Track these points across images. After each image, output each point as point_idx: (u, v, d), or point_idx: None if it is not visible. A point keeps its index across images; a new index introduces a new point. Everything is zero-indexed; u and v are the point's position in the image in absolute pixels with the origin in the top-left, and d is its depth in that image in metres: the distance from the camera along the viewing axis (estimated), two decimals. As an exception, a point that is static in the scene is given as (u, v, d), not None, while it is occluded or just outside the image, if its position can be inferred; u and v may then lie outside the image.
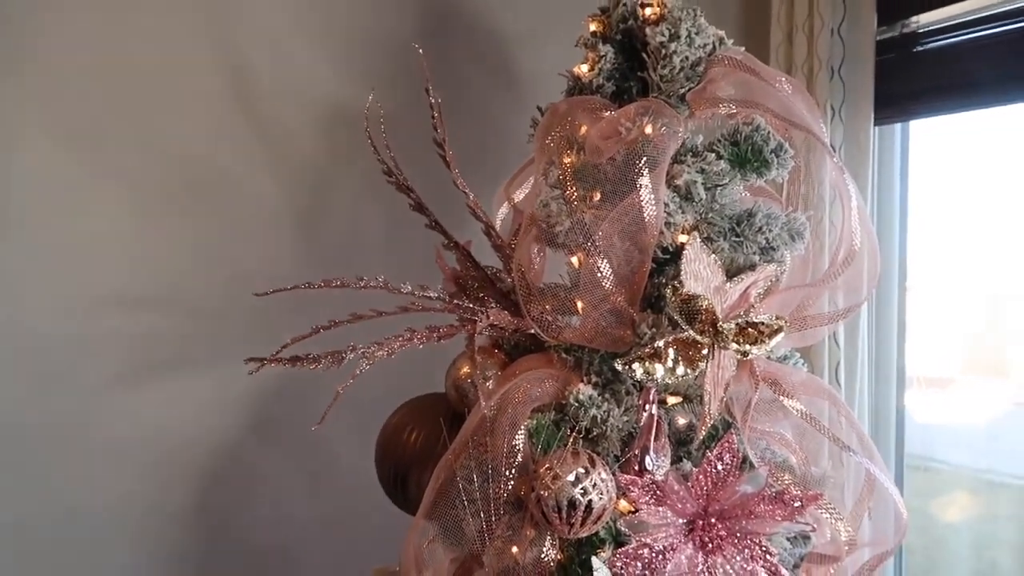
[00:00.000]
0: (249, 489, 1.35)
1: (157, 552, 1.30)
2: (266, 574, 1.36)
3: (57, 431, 1.24)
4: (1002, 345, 3.13)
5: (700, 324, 0.87)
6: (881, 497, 0.93)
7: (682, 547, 0.87)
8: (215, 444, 1.33)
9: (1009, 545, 2.87)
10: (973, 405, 3.10)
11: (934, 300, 3.08)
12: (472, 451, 0.90)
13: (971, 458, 3.14)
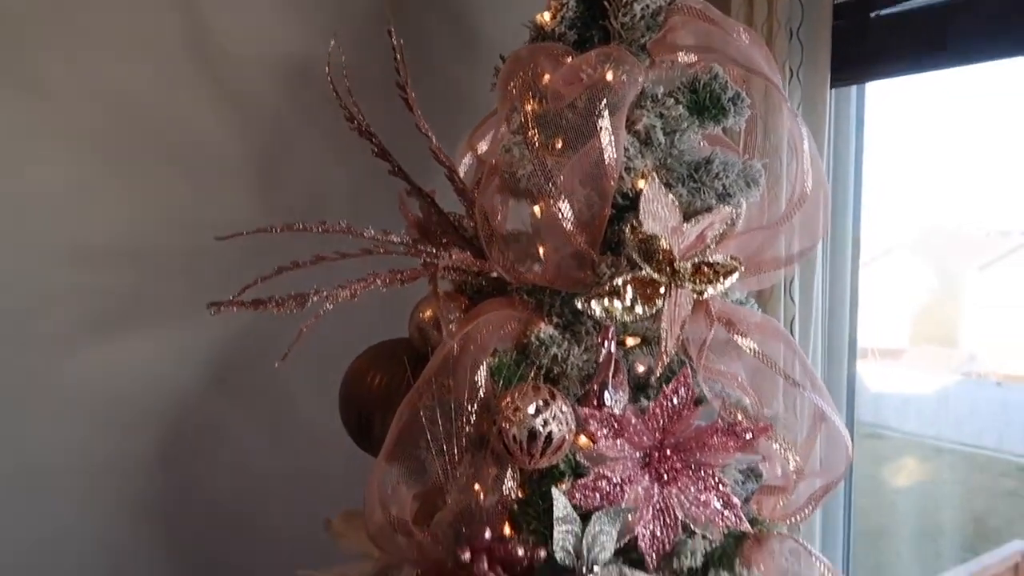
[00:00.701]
0: (210, 441, 1.34)
1: (118, 504, 1.30)
2: (228, 525, 1.36)
3: (13, 384, 1.22)
4: (953, 316, 3.24)
5: (657, 263, 0.90)
6: (830, 431, 0.97)
7: (639, 479, 0.90)
8: (175, 396, 1.32)
9: (953, 507, 3.00)
10: (923, 375, 3.22)
11: (888, 271, 3.18)
12: (435, 391, 0.92)
13: (920, 426, 3.26)
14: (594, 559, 0.84)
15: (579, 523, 0.85)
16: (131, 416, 1.29)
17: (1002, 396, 3.16)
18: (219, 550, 1.36)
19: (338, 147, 1.32)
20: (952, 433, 3.11)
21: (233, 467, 1.35)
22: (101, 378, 1.26)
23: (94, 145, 1.26)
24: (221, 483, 1.35)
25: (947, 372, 3.20)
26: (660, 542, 0.89)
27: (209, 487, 1.34)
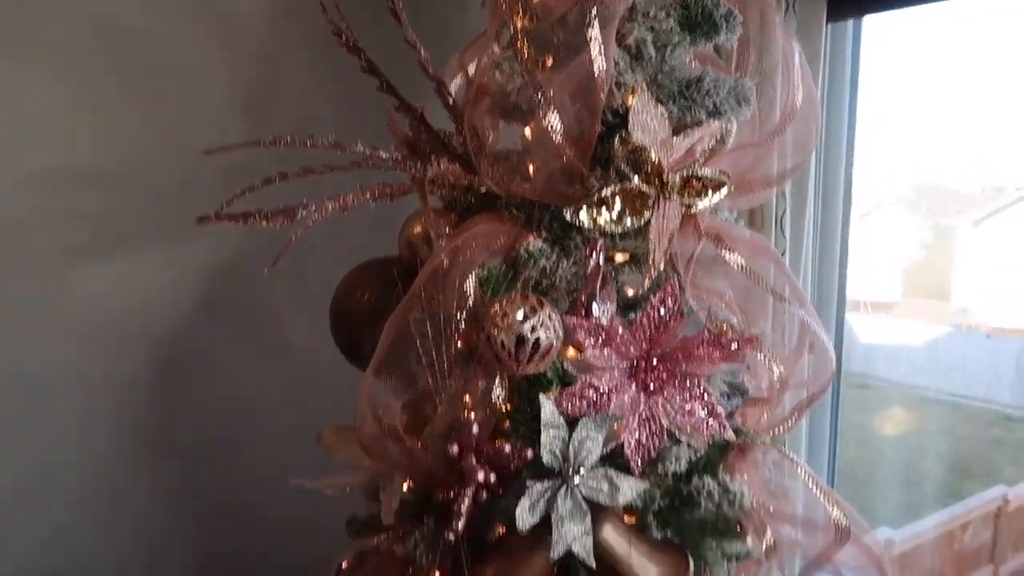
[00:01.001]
0: (202, 366, 1.36)
1: (112, 425, 1.32)
2: (222, 443, 1.38)
3: (7, 306, 1.23)
4: (946, 271, 3.25)
5: (646, 175, 0.90)
6: (815, 344, 0.98)
7: (625, 388, 0.91)
8: (168, 319, 1.33)
9: (938, 455, 3.05)
10: (914, 327, 3.25)
11: (881, 226, 3.18)
12: (424, 304, 0.93)
13: (909, 376, 3.30)
14: (580, 463, 0.86)
15: (566, 429, 0.87)
16: (125, 338, 1.30)
17: (992, 348, 3.20)
18: (214, 468, 1.39)
19: (327, 70, 1.31)
20: (942, 384, 3.15)
21: (226, 387, 1.37)
22: (94, 300, 1.28)
23: (82, 68, 1.25)
24: (213, 407, 1.37)
25: (938, 324, 3.23)
26: (645, 449, 0.91)
27: (201, 411, 1.36)
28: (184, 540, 1.42)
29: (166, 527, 1.41)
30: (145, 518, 1.39)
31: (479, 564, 0.88)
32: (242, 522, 1.44)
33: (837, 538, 0.91)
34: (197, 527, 1.42)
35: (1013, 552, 2.73)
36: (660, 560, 0.89)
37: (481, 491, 0.87)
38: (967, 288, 3.12)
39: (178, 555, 1.43)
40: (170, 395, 1.35)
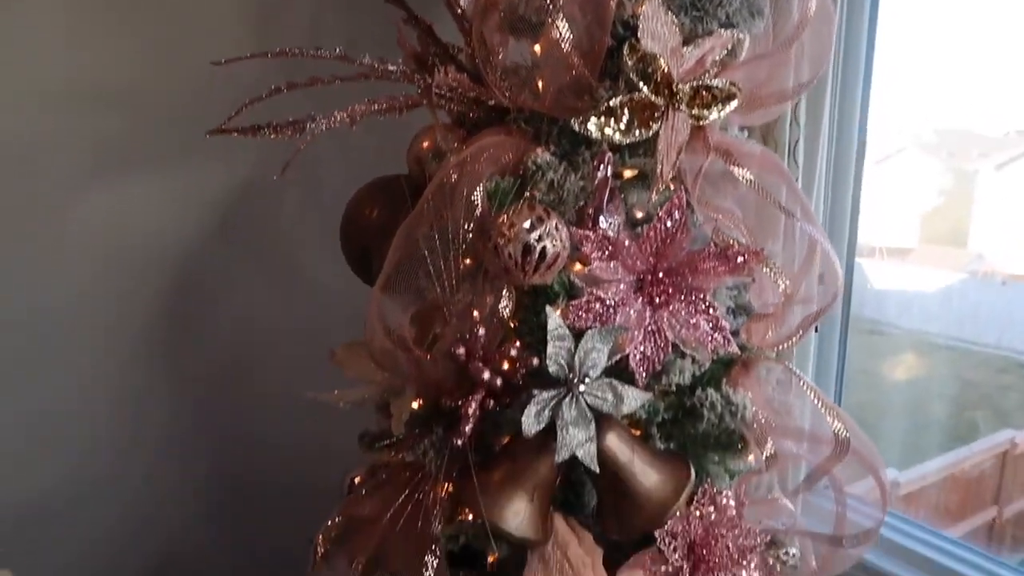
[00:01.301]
0: (214, 291, 1.38)
1: (128, 354, 1.35)
2: (235, 371, 1.41)
3: (19, 232, 1.24)
4: (964, 216, 3.21)
5: (655, 84, 0.89)
6: (822, 259, 0.98)
7: (631, 302, 0.92)
8: (180, 244, 1.35)
9: (947, 400, 3.06)
10: (929, 273, 3.22)
11: (900, 170, 3.13)
12: (432, 218, 0.93)
13: (922, 323, 3.28)
14: (585, 373, 0.87)
15: (572, 340, 0.88)
16: (138, 264, 1.32)
17: (1007, 294, 3.17)
18: (229, 393, 1.42)
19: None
20: (954, 330, 3.14)
21: (239, 311, 1.39)
22: (102, 228, 1.29)
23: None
24: (228, 329, 1.39)
25: (954, 271, 3.20)
26: (650, 361, 0.92)
27: (217, 333, 1.39)
28: (201, 465, 1.47)
29: (184, 453, 1.45)
30: (164, 443, 1.43)
31: (486, 470, 0.90)
32: (258, 446, 1.48)
33: (837, 450, 0.92)
34: (214, 451, 1.47)
35: (1019, 494, 2.76)
36: (662, 467, 0.91)
37: (488, 399, 0.89)
38: (985, 234, 3.09)
39: (197, 480, 1.48)
40: (184, 321, 1.38)
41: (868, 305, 3.41)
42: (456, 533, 0.96)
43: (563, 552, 0.90)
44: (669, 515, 0.88)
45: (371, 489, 1.01)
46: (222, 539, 1.47)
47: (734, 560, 0.94)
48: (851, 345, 2.94)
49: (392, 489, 0.99)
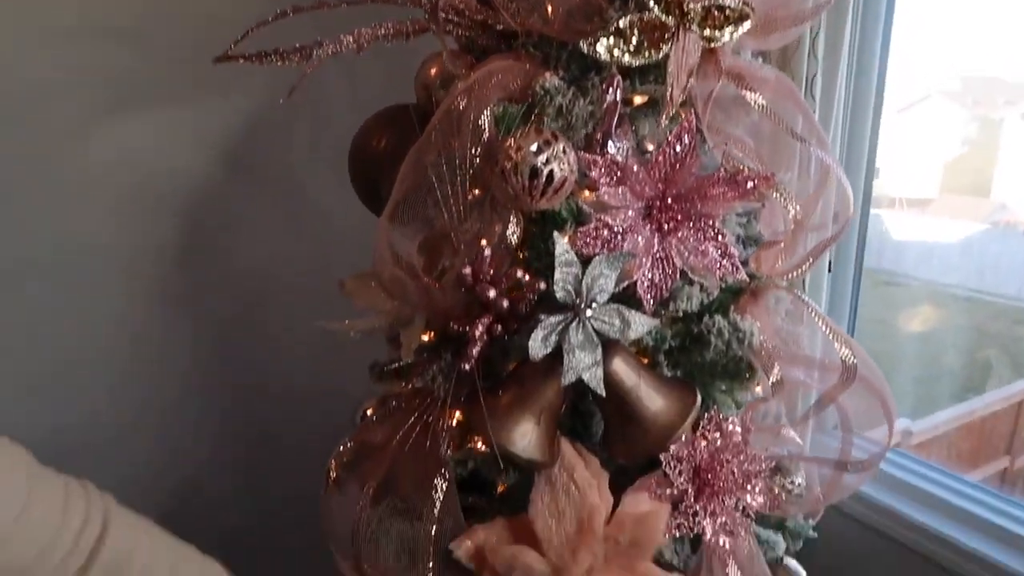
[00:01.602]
0: (229, 229, 1.39)
1: (141, 293, 1.37)
2: (248, 312, 1.43)
3: (31, 170, 1.25)
4: (988, 166, 3.14)
5: (666, 4, 0.87)
6: (835, 187, 0.97)
7: (640, 229, 0.92)
8: (192, 185, 1.35)
9: (963, 351, 3.04)
10: (950, 224, 3.16)
11: (924, 118, 3.05)
12: (440, 146, 0.93)
13: (941, 274, 3.24)
14: (592, 298, 0.87)
15: (579, 267, 0.88)
16: (150, 202, 1.33)
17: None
18: (244, 334, 1.44)
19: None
20: (973, 281, 3.10)
21: (251, 250, 1.40)
22: (118, 164, 1.29)
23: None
24: (240, 268, 1.41)
25: (975, 222, 3.15)
26: (658, 288, 0.92)
27: (230, 273, 1.40)
28: (220, 406, 1.50)
29: (203, 394, 1.48)
30: (183, 384, 1.46)
31: (493, 394, 0.91)
32: (274, 385, 1.51)
33: (844, 377, 0.92)
34: (232, 391, 1.50)
35: (1032, 444, 2.76)
36: (668, 392, 0.91)
37: (495, 324, 0.90)
38: (1008, 184, 3.02)
39: (216, 420, 1.51)
40: (198, 259, 1.39)
41: (887, 256, 3.38)
42: (465, 458, 0.98)
43: (569, 475, 0.91)
44: (674, 439, 0.89)
45: (382, 417, 1.03)
46: (241, 479, 1.51)
47: (738, 485, 0.95)
48: (868, 296, 2.92)
49: (402, 416, 1.01)
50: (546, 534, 0.90)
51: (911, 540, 1.53)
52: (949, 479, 1.66)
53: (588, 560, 0.90)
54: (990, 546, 1.42)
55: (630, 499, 0.93)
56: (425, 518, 0.96)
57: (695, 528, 0.93)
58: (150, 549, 0.77)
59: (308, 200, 1.42)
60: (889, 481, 1.66)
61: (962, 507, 1.51)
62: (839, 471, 0.96)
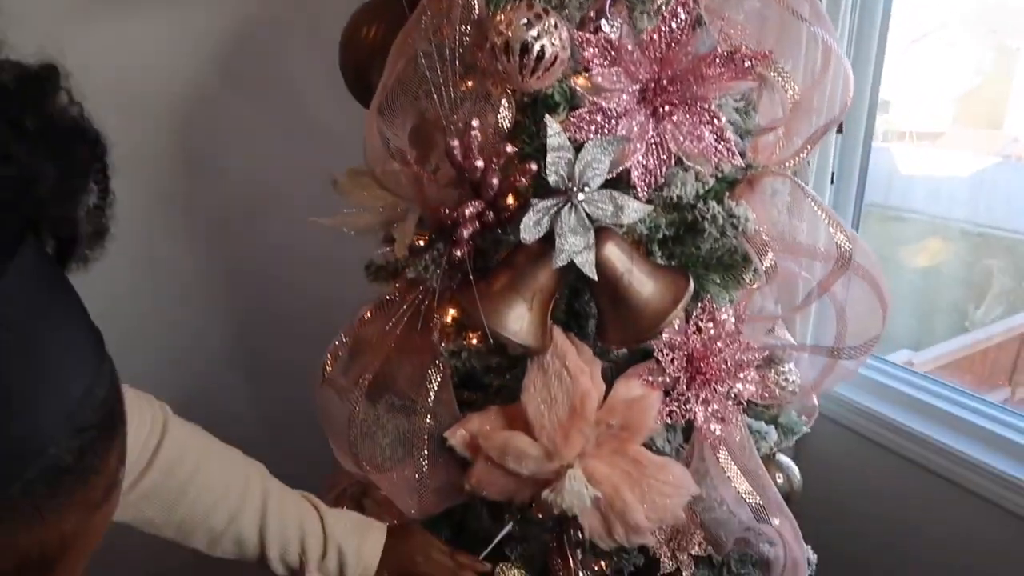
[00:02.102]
0: (223, 134, 1.37)
1: (139, 200, 1.36)
2: (246, 215, 1.43)
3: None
4: (1003, 97, 3.06)
5: None
6: (835, 70, 0.94)
7: (634, 113, 0.90)
8: (186, 90, 1.34)
9: (968, 286, 3.02)
10: (962, 157, 3.11)
11: (938, 48, 2.97)
12: (430, 32, 0.90)
13: (950, 209, 3.20)
14: (585, 183, 0.86)
15: (572, 151, 0.87)
16: (146, 107, 1.31)
17: (1039, 178, 3.07)
18: (240, 237, 1.44)
19: None
20: (983, 216, 3.07)
21: (243, 153, 1.39)
22: (112, 67, 1.27)
23: None
24: (232, 171, 1.39)
25: (987, 155, 3.10)
26: (652, 175, 0.91)
27: (224, 175, 1.39)
28: (221, 309, 1.51)
29: (205, 299, 1.49)
30: (186, 290, 1.47)
31: (486, 280, 0.91)
32: (273, 289, 1.51)
33: (839, 263, 0.92)
34: (233, 296, 1.50)
35: (1040, 375, 2.76)
36: (660, 278, 0.91)
37: (487, 210, 0.89)
38: (1022, 117, 2.96)
39: (218, 324, 1.52)
40: (194, 165, 1.38)
41: (895, 192, 3.34)
42: (459, 350, 0.98)
43: (562, 361, 0.92)
44: (666, 324, 0.89)
45: (377, 312, 1.03)
46: (243, 380, 1.53)
47: (730, 373, 0.95)
48: (875, 231, 2.90)
49: (395, 309, 1.01)
50: (538, 419, 0.91)
51: (893, 442, 1.56)
52: (934, 384, 1.69)
53: (579, 444, 0.91)
54: (971, 446, 1.45)
55: (622, 385, 0.93)
56: (420, 410, 0.97)
57: (686, 415, 0.93)
58: (200, 451, 0.84)
59: (301, 103, 1.40)
60: (876, 389, 1.69)
61: (945, 410, 1.54)
62: (834, 358, 0.96)
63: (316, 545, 0.86)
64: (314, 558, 0.86)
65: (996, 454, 1.43)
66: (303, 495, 0.90)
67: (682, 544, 0.97)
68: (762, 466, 0.98)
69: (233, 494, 0.83)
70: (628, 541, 0.92)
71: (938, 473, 1.51)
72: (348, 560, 0.87)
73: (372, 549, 0.89)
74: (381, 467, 1.01)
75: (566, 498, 0.90)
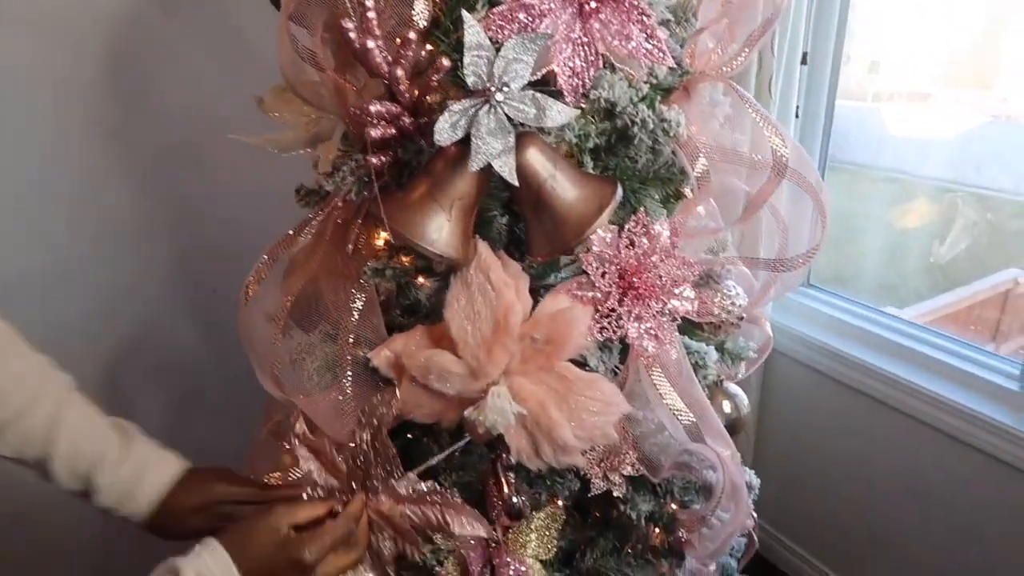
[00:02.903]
0: (158, 64, 1.33)
1: (75, 132, 1.32)
2: (184, 147, 1.38)
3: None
4: (994, 58, 3.01)
5: None
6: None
7: (559, 10, 0.85)
8: (119, 17, 1.29)
9: (955, 245, 2.98)
10: (952, 118, 3.06)
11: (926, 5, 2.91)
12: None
13: (939, 169, 3.16)
14: (505, 83, 0.82)
15: (492, 51, 0.82)
16: (75, 36, 1.27)
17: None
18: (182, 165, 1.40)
19: None
20: (971, 176, 3.02)
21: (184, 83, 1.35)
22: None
23: None
24: (174, 99, 1.35)
25: (976, 115, 3.05)
26: (579, 77, 0.86)
27: (164, 105, 1.35)
28: (162, 246, 1.48)
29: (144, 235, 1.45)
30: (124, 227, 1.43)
31: (404, 190, 0.87)
32: (211, 223, 1.48)
33: (776, 171, 0.87)
34: (172, 230, 1.47)
35: (1018, 332, 2.74)
36: (586, 184, 0.86)
37: (403, 114, 0.85)
38: (1011, 78, 2.91)
39: (158, 260, 1.49)
40: (131, 96, 1.33)
41: (885, 153, 3.30)
42: (383, 267, 0.95)
43: (486, 275, 0.88)
44: (591, 231, 0.85)
45: (301, 232, 0.99)
46: (185, 313, 1.50)
47: (665, 289, 0.91)
48: (865, 192, 2.86)
49: (320, 226, 0.97)
50: (461, 335, 0.88)
51: (846, 376, 1.56)
52: (876, 313, 1.68)
53: (503, 360, 0.87)
54: (912, 373, 1.45)
55: (549, 299, 0.89)
56: (342, 331, 0.94)
57: (619, 331, 0.90)
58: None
59: (240, 29, 1.35)
60: (820, 319, 1.68)
61: (883, 336, 1.53)
62: (775, 271, 0.91)
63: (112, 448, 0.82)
64: (106, 473, 0.81)
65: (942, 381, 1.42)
66: (116, 420, 0.86)
67: (614, 464, 0.94)
68: (699, 387, 0.94)
69: (27, 390, 0.80)
70: (557, 461, 0.89)
71: (891, 405, 1.51)
72: (147, 473, 0.83)
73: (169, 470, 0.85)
74: (308, 392, 0.97)
75: (489, 416, 0.86)
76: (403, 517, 0.86)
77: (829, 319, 1.74)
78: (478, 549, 1.01)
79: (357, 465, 0.87)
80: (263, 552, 0.75)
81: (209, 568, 0.71)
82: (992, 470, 1.41)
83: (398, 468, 0.87)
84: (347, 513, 0.84)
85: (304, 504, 0.83)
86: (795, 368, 1.74)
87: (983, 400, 1.43)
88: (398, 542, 0.87)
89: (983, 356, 1.50)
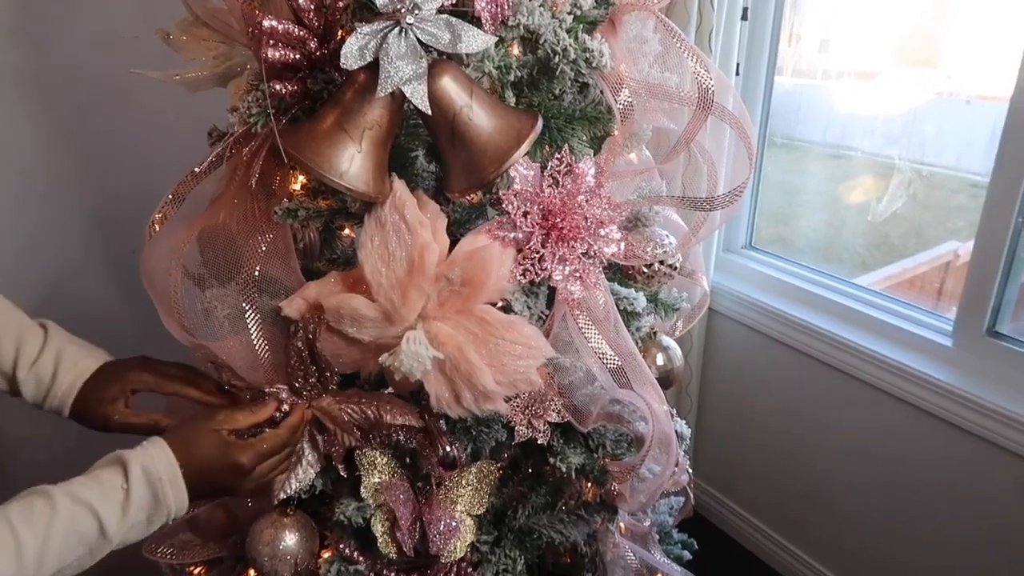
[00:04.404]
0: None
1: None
2: (96, 84, 1.30)
3: None
4: (940, 36, 3.05)
5: None
6: None
7: (475, -68, 0.81)
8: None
9: (901, 220, 3.03)
10: (897, 95, 3.10)
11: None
12: None
13: (884, 146, 3.21)
14: (416, 5, 0.77)
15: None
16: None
17: (969, 115, 3.10)
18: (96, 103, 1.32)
19: None
20: (915, 153, 3.07)
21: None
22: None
23: None
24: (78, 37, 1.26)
25: (922, 93, 3.10)
26: (498, 3, 0.82)
27: (70, 43, 1.26)
28: (90, 194, 1.40)
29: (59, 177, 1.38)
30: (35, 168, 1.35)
31: (313, 121, 0.81)
32: (131, 161, 1.41)
33: (701, 104, 0.84)
34: (89, 169, 1.40)
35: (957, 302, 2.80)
36: (504, 114, 0.82)
37: (308, 40, 0.80)
38: (955, 55, 2.96)
39: (75, 198, 1.41)
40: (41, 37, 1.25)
41: (833, 130, 3.33)
42: (295, 208, 0.89)
43: (400, 213, 0.83)
44: (509, 164, 0.81)
45: (204, 167, 0.93)
46: (104, 251, 1.43)
47: (591, 231, 0.88)
48: (814, 168, 2.88)
49: (230, 163, 0.92)
50: (375, 277, 0.83)
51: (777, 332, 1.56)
52: (814, 273, 1.70)
53: (419, 302, 0.83)
54: (849, 331, 1.46)
55: (467, 239, 0.85)
56: (245, 275, 0.88)
57: (541, 273, 0.86)
58: None
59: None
60: (759, 280, 1.69)
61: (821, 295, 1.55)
62: (704, 210, 0.89)
63: (34, 344, 0.85)
64: (28, 356, 0.84)
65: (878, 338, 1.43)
66: (41, 321, 0.89)
67: (538, 411, 0.90)
68: (627, 333, 0.91)
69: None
70: (479, 408, 0.85)
71: (828, 363, 1.52)
72: (63, 363, 0.85)
73: (89, 362, 0.87)
74: (216, 338, 0.91)
75: (404, 361, 0.82)
76: (341, 411, 0.89)
77: (768, 279, 1.75)
78: (408, 504, 0.97)
79: (296, 375, 0.88)
80: (203, 453, 0.78)
81: (154, 461, 0.75)
82: (925, 424, 1.42)
83: (335, 375, 0.89)
84: (287, 423, 0.86)
85: (245, 410, 0.85)
86: (736, 328, 1.74)
87: (918, 356, 1.44)
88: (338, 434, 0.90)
89: (917, 313, 1.52)
